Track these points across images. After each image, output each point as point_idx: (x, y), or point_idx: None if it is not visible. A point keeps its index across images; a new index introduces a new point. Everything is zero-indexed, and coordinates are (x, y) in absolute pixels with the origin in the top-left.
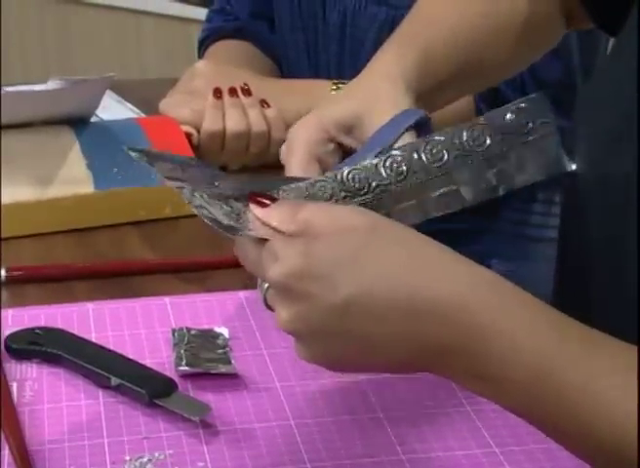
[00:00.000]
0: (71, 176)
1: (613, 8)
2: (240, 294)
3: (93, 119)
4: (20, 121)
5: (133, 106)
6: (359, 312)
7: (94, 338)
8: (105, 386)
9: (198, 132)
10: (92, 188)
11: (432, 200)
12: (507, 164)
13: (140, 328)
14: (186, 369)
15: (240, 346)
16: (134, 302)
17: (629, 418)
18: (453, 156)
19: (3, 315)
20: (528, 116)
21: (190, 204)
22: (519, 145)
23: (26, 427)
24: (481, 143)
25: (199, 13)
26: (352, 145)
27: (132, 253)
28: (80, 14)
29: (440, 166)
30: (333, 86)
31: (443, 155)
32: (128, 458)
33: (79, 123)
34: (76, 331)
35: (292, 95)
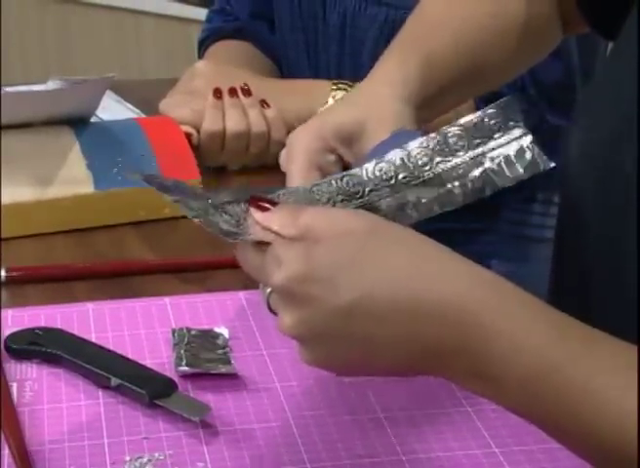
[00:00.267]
0: (71, 177)
1: (610, 12)
2: (240, 295)
3: (93, 119)
4: (20, 121)
5: (133, 106)
6: (361, 315)
7: (94, 338)
8: (105, 386)
9: (198, 132)
10: (92, 188)
11: (426, 201)
12: (489, 165)
13: (140, 328)
14: (186, 369)
15: (240, 346)
16: (134, 302)
17: (630, 417)
18: (437, 160)
19: (3, 315)
20: (497, 119)
21: (188, 215)
22: (492, 148)
23: (26, 427)
24: (461, 147)
25: (199, 13)
26: (348, 158)
27: (132, 253)
28: (80, 14)
29: (427, 170)
30: (333, 86)
31: (428, 160)
32: (128, 459)
33: (79, 123)
34: (76, 331)
35: (292, 95)
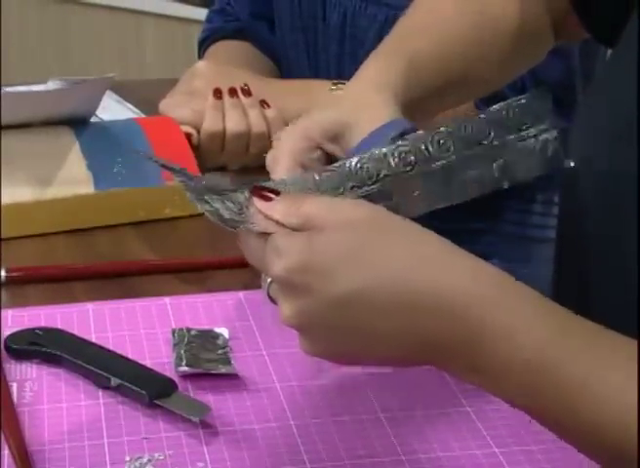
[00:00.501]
0: (71, 177)
1: (609, 19)
2: (240, 295)
3: (93, 119)
4: (20, 121)
5: (133, 107)
6: (360, 306)
7: (94, 339)
8: (105, 386)
9: (198, 132)
10: (92, 189)
11: (438, 191)
12: (509, 157)
13: (140, 328)
14: (186, 369)
15: (240, 346)
16: (134, 302)
17: (629, 412)
18: (459, 148)
19: (3, 315)
20: (527, 112)
21: (192, 198)
22: (518, 140)
23: (26, 427)
24: (485, 136)
25: (199, 13)
26: (337, 153)
27: (132, 253)
28: (80, 14)
29: (446, 157)
30: (332, 86)
31: (449, 146)
32: (128, 459)
33: (79, 123)
34: (76, 331)
35: (292, 95)
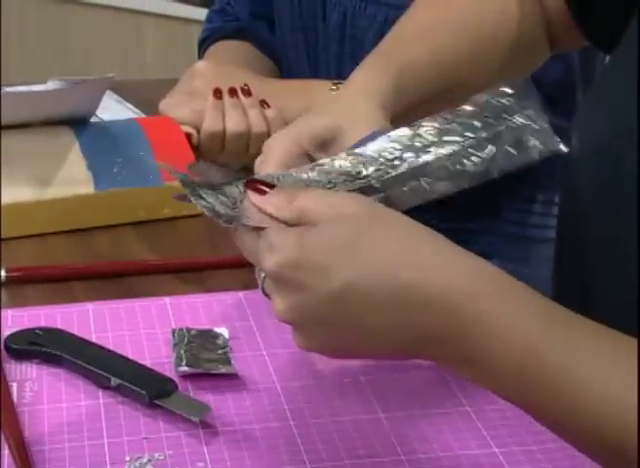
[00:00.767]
0: (71, 177)
1: (608, 25)
2: (240, 294)
3: (93, 119)
4: (20, 121)
5: (133, 107)
6: (353, 301)
7: (94, 339)
8: (105, 386)
9: (198, 132)
10: (92, 189)
11: (430, 183)
12: (499, 146)
13: (140, 328)
14: (186, 369)
15: (240, 346)
16: (134, 302)
17: (630, 412)
18: (446, 141)
19: (3, 315)
20: (513, 100)
21: (188, 193)
22: (508, 128)
23: (26, 427)
24: (471, 127)
25: (199, 13)
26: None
27: (131, 253)
28: (80, 14)
29: (434, 149)
30: (332, 86)
31: (436, 140)
32: (128, 459)
33: (79, 123)
34: (76, 331)
35: (292, 95)
